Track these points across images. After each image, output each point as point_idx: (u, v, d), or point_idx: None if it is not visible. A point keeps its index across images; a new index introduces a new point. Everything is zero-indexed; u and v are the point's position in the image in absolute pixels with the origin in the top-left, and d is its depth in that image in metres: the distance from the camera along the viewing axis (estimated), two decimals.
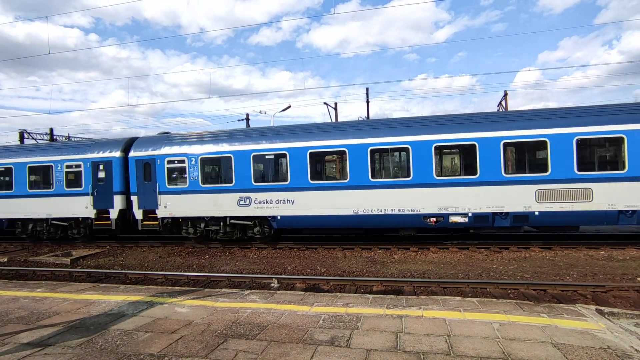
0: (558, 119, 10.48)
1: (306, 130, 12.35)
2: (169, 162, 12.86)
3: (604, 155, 10.47)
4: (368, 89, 27.77)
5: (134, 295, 6.51)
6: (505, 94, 26.51)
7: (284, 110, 30.19)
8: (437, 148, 11.02)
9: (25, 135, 27.16)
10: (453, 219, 10.86)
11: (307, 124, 13.35)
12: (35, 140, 26.95)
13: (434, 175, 10.89)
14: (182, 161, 12.72)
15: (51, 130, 29.27)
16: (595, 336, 4.32)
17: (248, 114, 30.81)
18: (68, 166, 13.91)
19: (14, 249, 14.28)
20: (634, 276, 8.28)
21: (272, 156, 12.16)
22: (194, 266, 10.86)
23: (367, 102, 27.73)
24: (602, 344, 4.10)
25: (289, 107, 29.95)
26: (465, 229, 12.21)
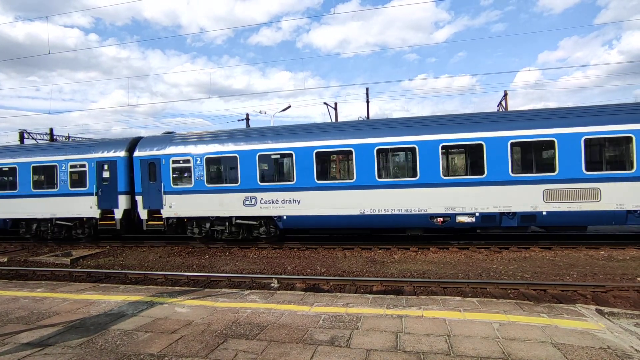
0: (566, 118, 10.40)
1: (312, 129, 12.29)
2: (174, 162, 12.81)
3: (612, 155, 10.39)
4: (368, 89, 27.82)
5: (134, 295, 6.51)
6: (505, 94, 26.51)
7: (284, 110, 30.21)
8: (444, 148, 10.98)
9: (25, 135, 27.17)
10: (460, 219, 10.82)
11: (313, 124, 13.27)
12: (35, 140, 26.95)
13: (441, 175, 10.84)
14: (187, 161, 12.68)
15: (51, 130, 29.27)
16: (595, 336, 4.32)
17: (248, 114, 30.85)
18: (72, 166, 13.86)
19: (14, 249, 14.28)
20: (634, 276, 8.29)
21: (278, 156, 12.11)
22: (194, 266, 10.86)
23: (367, 102, 27.75)
24: (602, 344, 4.10)
25: (289, 107, 29.98)
26: (472, 229, 12.17)
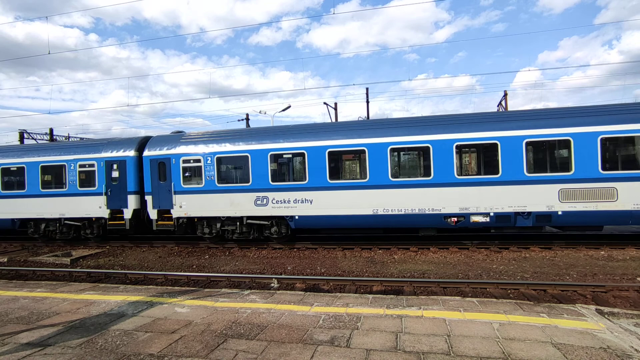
0: (582, 117, 10.30)
1: (325, 129, 12.20)
2: (184, 162, 12.72)
3: (629, 154, 10.23)
4: (368, 89, 27.82)
5: (134, 296, 6.51)
6: (505, 94, 26.53)
7: (284, 110, 30.17)
8: (459, 147, 10.91)
9: (25, 135, 27.18)
10: (474, 218, 10.74)
11: (326, 123, 13.14)
12: (35, 140, 26.95)
13: (455, 174, 10.76)
14: (198, 160, 12.60)
15: (51, 130, 29.28)
16: (595, 336, 4.32)
17: (248, 114, 30.86)
18: (81, 165, 13.76)
19: (14, 249, 14.27)
20: (634, 276, 8.29)
21: (290, 155, 12.03)
22: (194, 266, 10.86)
23: (367, 102, 27.75)
24: (602, 344, 4.10)
25: (289, 107, 29.96)
26: (486, 229, 12.13)
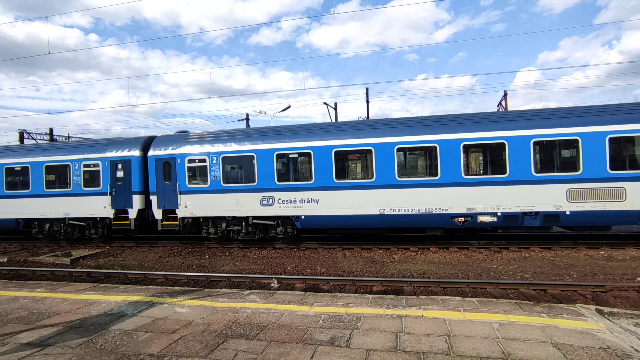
0: (590, 117, 10.28)
1: (331, 128, 12.19)
2: (190, 161, 12.70)
3: (637, 154, 10.18)
4: (368, 89, 27.81)
5: (134, 296, 6.51)
6: (505, 94, 26.53)
7: (283, 110, 30.17)
8: (466, 147, 10.87)
9: (25, 136, 27.17)
10: (482, 218, 10.73)
11: (332, 123, 13.07)
12: (35, 140, 26.95)
13: (462, 174, 10.75)
14: (203, 160, 12.58)
15: (51, 130, 29.27)
16: (595, 336, 4.32)
17: (248, 114, 30.87)
18: (86, 165, 13.72)
19: (14, 249, 14.27)
20: (633, 276, 8.29)
21: (296, 155, 12.01)
22: (194, 266, 10.86)
23: (367, 102, 27.75)
24: (602, 344, 4.11)
25: (289, 107, 29.97)
26: (493, 229, 12.12)
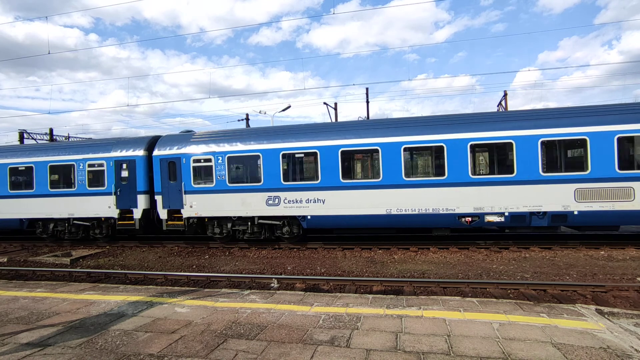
0: (598, 116, 10.24)
1: (337, 128, 12.17)
2: (195, 161, 12.67)
3: None
4: (368, 89, 27.80)
5: (134, 296, 6.51)
6: (505, 94, 26.53)
7: (283, 110, 30.17)
8: (473, 146, 10.84)
9: (25, 136, 27.17)
10: (489, 218, 10.70)
11: (338, 122, 13.04)
12: (35, 140, 26.95)
13: (470, 174, 10.72)
14: (209, 160, 12.55)
15: (51, 130, 29.27)
16: (595, 336, 4.32)
17: (248, 114, 30.87)
18: (90, 165, 13.68)
19: (14, 249, 14.27)
20: (633, 276, 8.29)
21: (302, 155, 11.97)
22: (194, 266, 10.85)
23: (367, 102, 27.74)
24: (602, 344, 4.10)
25: (289, 107, 29.97)
26: (501, 229, 12.12)
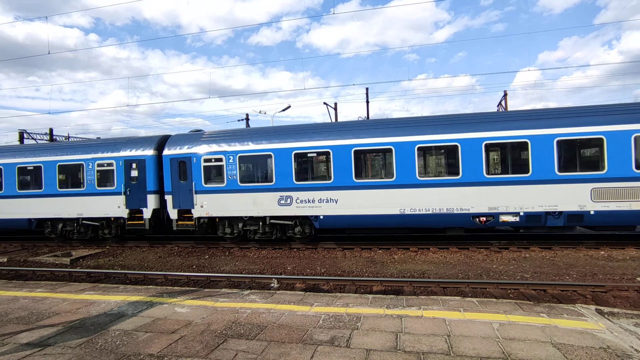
0: (614, 115, 10.19)
1: (350, 127, 12.13)
2: (206, 161, 12.62)
3: None
4: (368, 89, 27.80)
5: (134, 296, 6.51)
6: (505, 94, 26.53)
7: (283, 110, 30.19)
8: (488, 146, 10.76)
9: (25, 136, 27.16)
10: (504, 218, 10.65)
11: (351, 121, 13.01)
12: (35, 140, 26.95)
13: (484, 173, 10.66)
14: (220, 159, 12.49)
15: (51, 130, 29.27)
16: (595, 336, 4.32)
17: (248, 114, 30.88)
18: (99, 164, 13.60)
19: (14, 249, 14.27)
20: (633, 276, 8.29)
21: (315, 154, 11.93)
22: (194, 266, 10.86)
23: (367, 102, 27.74)
24: (602, 344, 4.11)
25: (289, 107, 29.98)
26: (515, 229, 12.10)
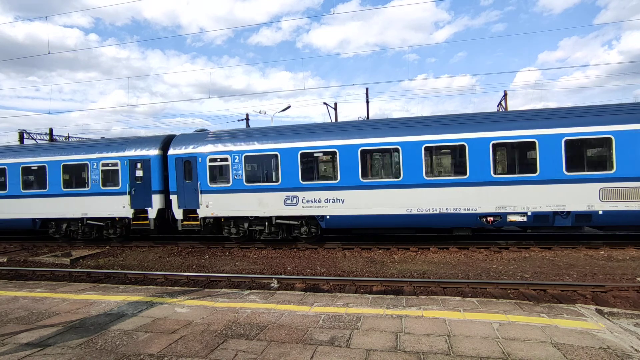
0: (623, 115, 10.14)
1: (356, 127, 12.10)
2: (211, 160, 12.58)
3: None
4: (368, 89, 27.78)
5: (134, 296, 6.51)
6: (505, 94, 26.53)
7: (283, 110, 30.18)
8: (495, 145, 10.72)
9: (25, 136, 27.16)
10: (511, 218, 10.61)
11: (358, 121, 12.98)
12: (35, 140, 26.94)
13: (492, 173, 10.61)
14: (225, 159, 12.46)
15: (51, 130, 29.27)
16: (595, 336, 4.32)
17: (248, 114, 30.88)
18: (104, 164, 13.54)
19: (14, 249, 14.26)
20: (633, 276, 8.29)
21: (321, 154, 11.89)
22: (194, 266, 10.85)
23: (367, 102, 27.74)
24: (602, 344, 4.11)
25: (289, 107, 29.97)
26: (522, 229, 12.09)
